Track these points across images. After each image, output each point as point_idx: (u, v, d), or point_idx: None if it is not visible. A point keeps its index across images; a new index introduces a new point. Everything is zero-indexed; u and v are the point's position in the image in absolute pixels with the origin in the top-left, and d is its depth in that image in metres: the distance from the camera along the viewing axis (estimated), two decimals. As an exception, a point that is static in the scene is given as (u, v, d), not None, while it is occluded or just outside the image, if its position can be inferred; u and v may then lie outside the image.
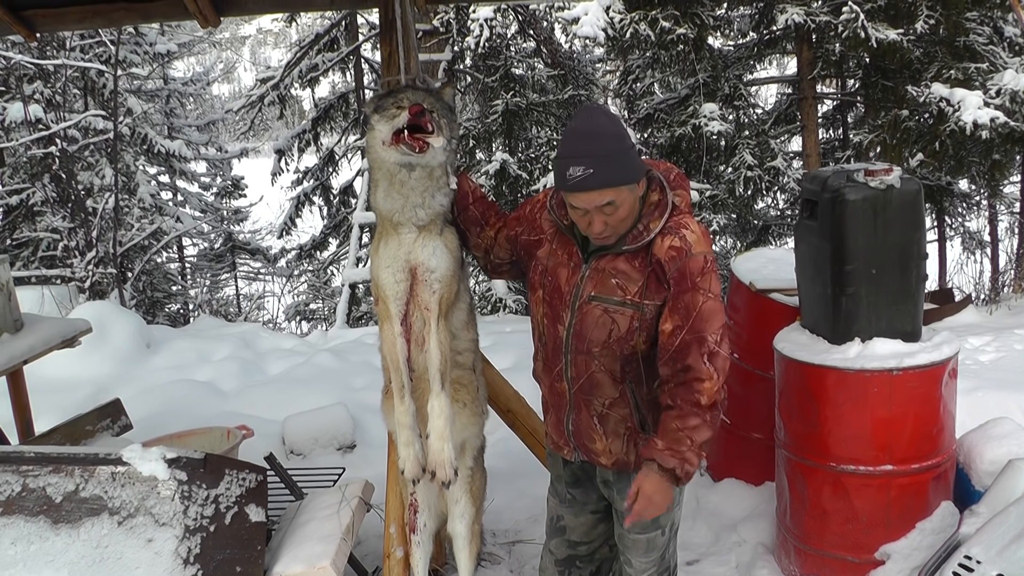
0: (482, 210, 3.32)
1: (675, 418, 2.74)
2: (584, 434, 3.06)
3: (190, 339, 8.93)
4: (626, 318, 2.84)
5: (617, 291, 2.84)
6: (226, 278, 21.26)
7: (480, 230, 3.31)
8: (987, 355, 6.49)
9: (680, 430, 2.73)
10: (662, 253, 2.78)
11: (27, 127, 13.02)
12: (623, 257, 2.84)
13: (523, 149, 13.94)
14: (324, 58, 16.57)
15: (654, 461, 2.76)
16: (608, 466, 3.05)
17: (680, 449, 2.73)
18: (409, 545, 3.61)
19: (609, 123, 2.74)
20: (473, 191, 3.33)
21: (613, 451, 3.01)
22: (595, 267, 2.89)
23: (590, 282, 2.89)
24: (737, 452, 5.01)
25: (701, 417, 2.73)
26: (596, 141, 2.70)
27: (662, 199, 2.85)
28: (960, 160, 9.99)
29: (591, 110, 2.82)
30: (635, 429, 2.96)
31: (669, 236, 2.79)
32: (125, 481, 3.10)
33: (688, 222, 2.83)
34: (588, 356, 2.92)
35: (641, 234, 2.81)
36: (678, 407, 2.74)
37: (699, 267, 2.76)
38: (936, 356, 3.69)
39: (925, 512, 3.82)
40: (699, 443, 2.74)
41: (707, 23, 10.17)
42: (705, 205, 10.96)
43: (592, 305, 2.88)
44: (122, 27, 13.41)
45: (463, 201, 3.31)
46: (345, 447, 5.96)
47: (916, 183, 3.74)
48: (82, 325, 5.15)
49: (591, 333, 2.89)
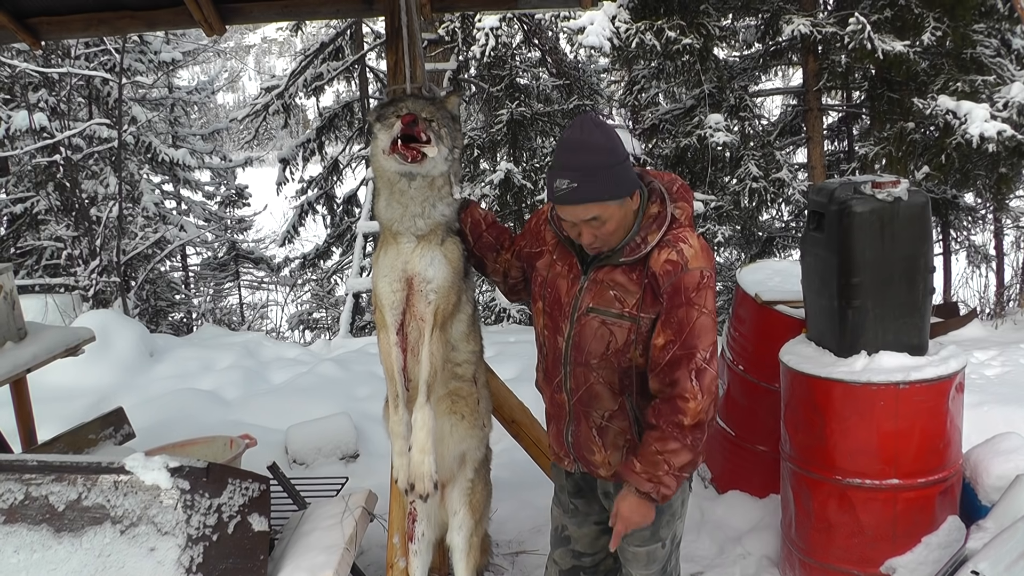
0: (496, 235, 3.33)
1: (655, 440, 2.74)
2: (584, 446, 3.05)
3: (193, 348, 8.94)
4: (623, 331, 2.82)
5: (615, 303, 2.83)
6: (229, 287, 21.27)
7: (496, 255, 3.32)
8: (993, 369, 6.47)
9: (659, 453, 2.73)
10: (658, 267, 2.76)
11: (31, 135, 13.06)
12: (621, 269, 2.83)
13: (528, 159, 13.93)
14: (329, 67, 16.62)
15: (631, 483, 2.76)
16: (607, 478, 3.04)
17: (657, 473, 2.73)
18: (407, 554, 3.61)
19: (600, 135, 2.71)
20: (485, 218, 3.35)
21: (612, 463, 2.99)
22: (593, 279, 2.88)
23: (588, 294, 2.88)
24: (742, 464, 5.00)
25: (681, 441, 2.71)
26: (584, 154, 2.68)
27: (662, 211, 2.83)
28: (966, 173, 9.96)
29: (583, 121, 2.77)
30: (634, 442, 2.94)
31: (666, 249, 2.77)
32: (128, 490, 3.09)
33: (687, 236, 2.80)
34: (587, 368, 2.91)
35: (639, 246, 2.79)
36: (659, 428, 2.73)
37: (695, 282, 2.73)
38: (943, 370, 3.67)
39: (931, 526, 3.80)
40: (677, 467, 2.73)
41: (713, 33, 10.17)
42: (710, 216, 10.95)
43: (590, 317, 2.87)
44: (127, 35, 13.44)
45: (476, 229, 3.32)
46: (348, 457, 5.95)
47: (924, 196, 3.74)
48: (85, 334, 5.14)
49: (589, 345, 2.88)
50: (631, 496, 2.79)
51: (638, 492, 2.77)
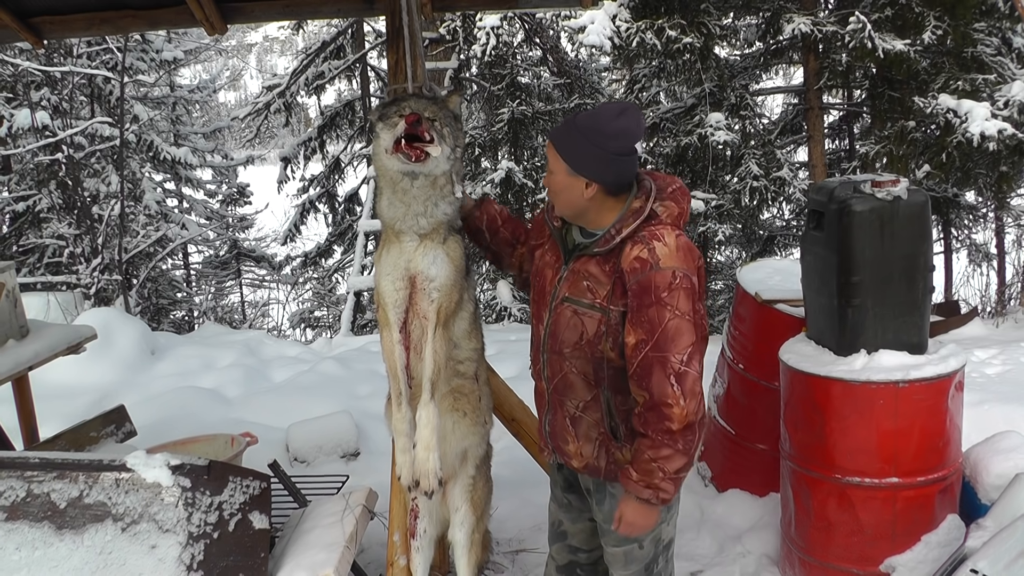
0: (512, 229, 3.39)
1: (648, 448, 2.73)
2: (559, 435, 3.05)
3: (195, 346, 8.94)
4: (594, 321, 2.82)
5: (587, 293, 2.84)
6: (231, 285, 21.26)
7: (513, 250, 3.38)
8: (993, 368, 6.47)
9: (653, 460, 2.72)
10: (626, 263, 2.74)
11: (34, 134, 13.06)
12: (595, 260, 2.84)
13: (529, 157, 13.93)
14: (330, 66, 16.62)
15: (630, 492, 2.78)
16: (580, 469, 3.03)
17: (653, 481, 2.73)
18: (409, 550, 3.63)
19: (611, 119, 2.76)
20: (500, 213, 3.40)
21: (584, 454, 2.98)
22: (572, 268, 2.90)
23: (566, 283, 2.90)
24: (742, 463, 5.00)
25: (673, 446, 2.70)
26: (588, 119, 2.77)
27: (642, 207, 2.82)
28: (967, 172, 9.97)
29: (621, 104, 2.85)
30: (607, 435, 2.93)
31: (638, 245, 2.75)
32: (129, 487, 3.10)
33: (663, 233, 2.76)
34: (561, 357, 2.92)
35: (612, 237, 2.79)
36: (650, 437, 2.72)
37: (666, 282, 2.69)
38: (942, 368, 3.68)
39: (931, 525, 3.80)
40: (672, 471, 2.72)
41: (713, 32, 10.17)
42: (710, 215, 10.95)
43: (565, 306, 2.89)
44: (129, 34, 13.46)
45: (493, 224, 3.37)
46: (349, 455, 5.96)
47: (923, 194, 3.73)
48: (87, 332, 5.15)
49: (563, 334, 2.89)
50: (632, 502, 2.79)
51: (638, 499, 2.78)
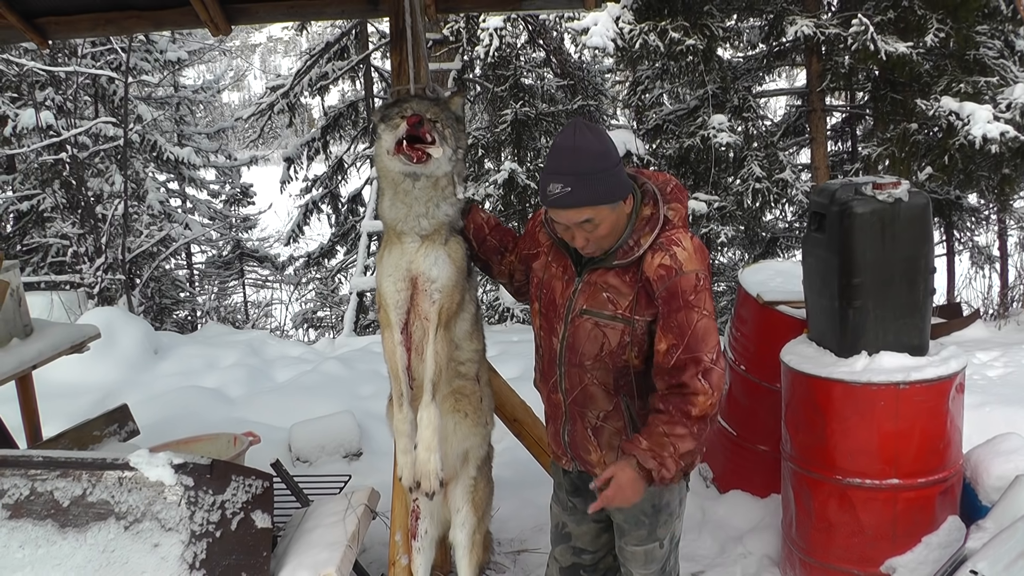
0: (499, 238, 3.36)
1: (663, 423, 2.74)
2: (580, 445, 3.07)
3: (198, 346, 8.95)
4: (617, 332, 2.84)
5: (608, 305, 2.85)
6: (234, 285, 21.27)
7: (501, 258, 3.36)
8: (995, 370, 6.47)
9: (666, 435, 2.73)
10: (651, 271, 2.77)
11: (38, 133, 13.09)
12: (614, 272, 2.85)
13: (532, 159, 13.92)
14: (334, 66, 16.61)
15: (634, 457, 2.75)
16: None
17: (662, 454, 2.73)
18: (410, 551, 3.64)
19: (593, 139, 2.73)
20: (487, 221, 3.38)
21: (608, 463, 2.98)
22: (587, 280, 2.90)
23: (582, 295, 2.90)
24: (743, 464, 5.01)
25: (688, 428, 2.72)
26: (576, 158, 2.69)
27: (655, 213, 2.84)
28: (969, 174, 9.94)
29: (576, 125, 2.78)
30: None
31: (660, 253, 2.77)
32: (132, 486, 3.11)
33: (680, 238, 2.81)
34: (581, 369, 2.93)
35: (632, 249, 2.81)
36: (668, 413, 2.74)
37: (691, 285, 2.74)
38: (943, 370, 3.68)
39: (931, 526, 3.81)
40: (681, 452, 2.73)
41: (716, 34, 10.15)
42: (713, 217, 10.93)
43: (584, 319, 2.89)
44: (133, 34, 13.47)
45: (480, 233, 3.35)
46: (351, 455, 5.97)
47: (924, 197, 3.74)
48: (91, 331, 5.17)
49: (583, 346, 2.90)
50: (630, 470, 2.75)
51: (640, 467, 2.74)
